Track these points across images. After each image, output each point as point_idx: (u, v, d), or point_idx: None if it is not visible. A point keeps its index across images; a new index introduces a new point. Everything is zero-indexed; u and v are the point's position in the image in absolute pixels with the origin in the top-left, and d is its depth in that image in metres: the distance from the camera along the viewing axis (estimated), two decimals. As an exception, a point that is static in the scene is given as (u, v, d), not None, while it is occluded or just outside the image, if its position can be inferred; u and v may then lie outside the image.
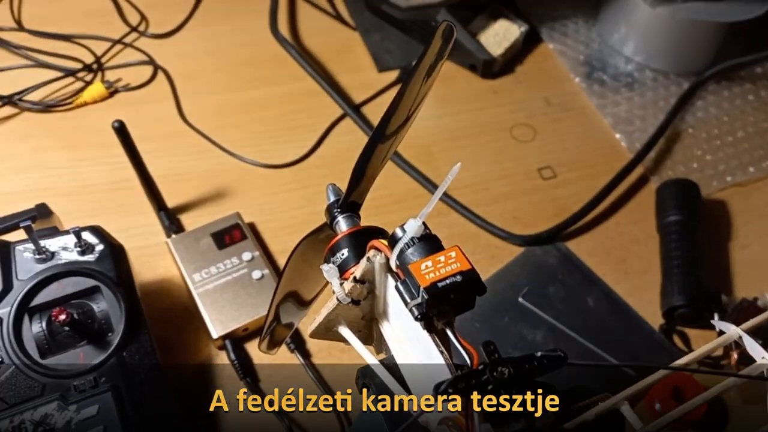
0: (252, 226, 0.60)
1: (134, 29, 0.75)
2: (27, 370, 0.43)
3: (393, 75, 0.75)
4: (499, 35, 0.74)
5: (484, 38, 0.73)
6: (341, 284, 0.31)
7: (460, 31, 0.72)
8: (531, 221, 0.63)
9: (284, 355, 0.53)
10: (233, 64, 0.74)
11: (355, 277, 0.30)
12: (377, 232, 0.34)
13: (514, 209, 0.64)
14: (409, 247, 0.27)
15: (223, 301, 0.54)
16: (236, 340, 0.53)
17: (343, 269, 0.32)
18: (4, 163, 0.63)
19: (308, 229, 0.62)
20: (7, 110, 0.67)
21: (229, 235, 0.57)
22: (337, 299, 0.31)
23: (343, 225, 0.35)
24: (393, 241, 0.28)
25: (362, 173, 0.33)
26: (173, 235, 0.58)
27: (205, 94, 0.71)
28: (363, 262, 0.30)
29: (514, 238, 0.61)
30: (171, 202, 0.61)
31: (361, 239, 0.33)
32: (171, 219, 0.59)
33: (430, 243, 0.27)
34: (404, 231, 0.28)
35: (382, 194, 0.64)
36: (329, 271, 0.31)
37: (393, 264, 0.28)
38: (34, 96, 0.68)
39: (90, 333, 0.45)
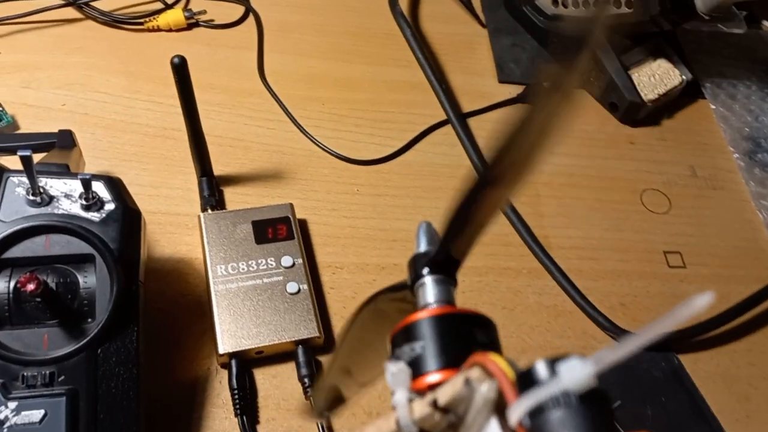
0: (303, 225, 0.49)
1: (237, -39, 0.65)
2: (-31, 341, 0.33)
3: (514, 90, 0.62)
4: (656, 77, 0.60)
5: (636, 76, 0.60)
6: (410, 401, 0.19)
7: (612, 59, 0.59)
8: (642, 315, 0.50)
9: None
10: (336, 30, 0.63)
11: (435, 401, 0.18)
12: (479, 326, 0.22)
13: (624, 294, 0.51)
14: (557, 406, 0.15)
15: (244, 309, 0.43)
16: (245, 363, 0.42)
17: (417, 371, 0.20)
18: (47, 72, 0.54)
19: (369, 247, 0.51)
20: (69, 12, 0.57)
21: (273, 229, 0.46)
22: (398, 424, 0.19)
23: (429, 294, 0.23)
24: (525, 378, 0.16)
25: (462, 223, 0.21)
26: (209, 210, 0.47)
27: (294, 55, 0.60)
28: (456, 381, 0.18)
29: (617, 331, 0.48)
30: (219, 169, 0.50)
31: (456, 332, 0.21)
32: (212, 190, 0.48)
33: (595, 412, 0.15)
34: (554, 371, 0.15)
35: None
36: (396, 375, 0.19)
37: (514, 418, 0.16)
38: (103, 4, 0.58)
39: (65, 312, 0.35)
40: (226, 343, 0.42)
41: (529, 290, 0.50)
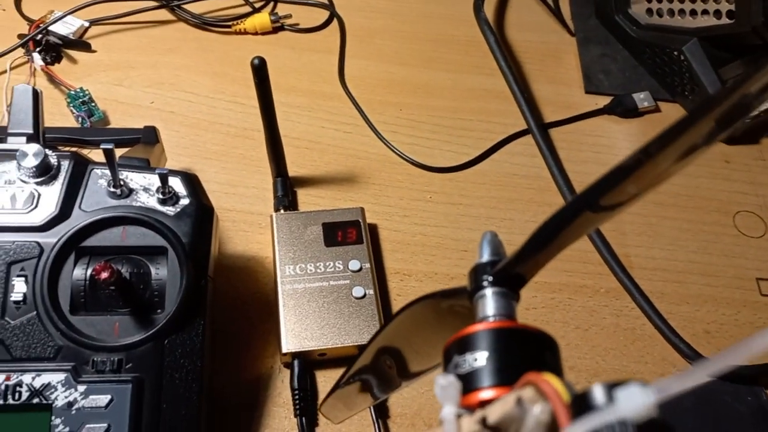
0: (373, 230, 0.49)
1: (325, -34, 0.66)
2: (48, 323, 0.34)
3: (602, 101, 0.60)
4: (757, 92, 0.56)
5: (735, 90, 0.56)
6: (458, 417, 0.18)
7: (708, 72, 0.55)
8: (729, 345, 0.46)
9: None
10: (417, 36, 0.62)
11: (485, 419, 0.17)
12: (540, 344, 0.20)
13: (709, 321, 0.47)
14: (613, 437, 0.13)
15: (309, 310, 0.43)
16: (307, 364, 0.42)
17: (469, 386, 0.19)
18: (139, 71, 0.56)
19: (439, 255, 0.50)
20: (163, 14, 0.60)
21: (342, 232, 0.46)
22: (444, 441, 0.18)
23: (489, 306, 0.22)
24: (580, 402, 0.15)
25: (547, 241, 0.20)
26: (281, 210, 0.48)
27: (374, 61, 0.60)
28: (508, 400, 0.17)
29: (699, 360, 0.45)
30: (294, 170, 0.50)
31: (517, 349, 0.20)
32: (286, 190, 0.49)
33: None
34: (612, 398, 0.14)
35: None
36: (446, 388, 0.18)
37: (566, 446, 0.14)
38: (194, 7, 0.60)
39: (136, 301, 0.36)
40: (289, 343, 0.42)
41: (606, 311, 0.47)
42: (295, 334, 0.42)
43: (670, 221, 0.52)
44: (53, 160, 0.37)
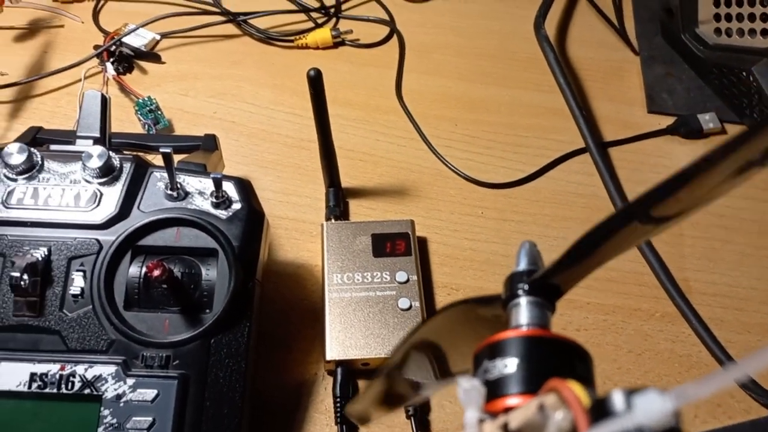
0: (422, 243, 0.49)
1: (387, -16, 0.67)
2: (102, 317, 0.36)
3: (665, 121, 0.58)
4: (833, 114, 0.53)
5: (809, 112, 0.53)
6: (480, 422, 0.18)
7: (780, 93, 0.53)
8: (792, 378, 0.44)
9: (399, 418, 0.41)
10: (477, 52, 0.62)
11: (506, 424, 0.17)
12: (572, 355, 0.20)
13: (773, 352, 0.45)
14: (630, 444, 0.13)
15: (354, 319, 0.43)
16: (350, 373, 0.42)
17: (495, 392, 0.19)
18: (205, 82, 0.58)
19: (488, 271, 0.49)
20: (229, 29, 0.62)
21: (391, 243, 0.46)
22: (465, 445, 0.18)
23: (523, 315, 0.21)
24: (600, 408, 0.14)
25: (589, 251, 0.20)
26: (332, 220, 0.48)
27: (432, 75, 0.60)
28: (530, 406, 0.16)
29: (759, 392, 0.42)
30: (347, 181, 0.51)
31: (547, 358, 0.20)
32: (338, 200, 0.50)
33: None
34: (630, 405, 0.14)
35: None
36: (469, 392, 0.18)
37: (584, 452, 0.14)
38: (259, 21, 0.62)
39: (186, 300, 0.37)
40: (333, 351, 0.42)
41: (660, 336, 0.46)
42: (340, 342, 0.42)
43: (733, 245, 0.50)
44: (116, 162, 0.39)
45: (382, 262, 0.46)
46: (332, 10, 0.64)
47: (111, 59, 0.57)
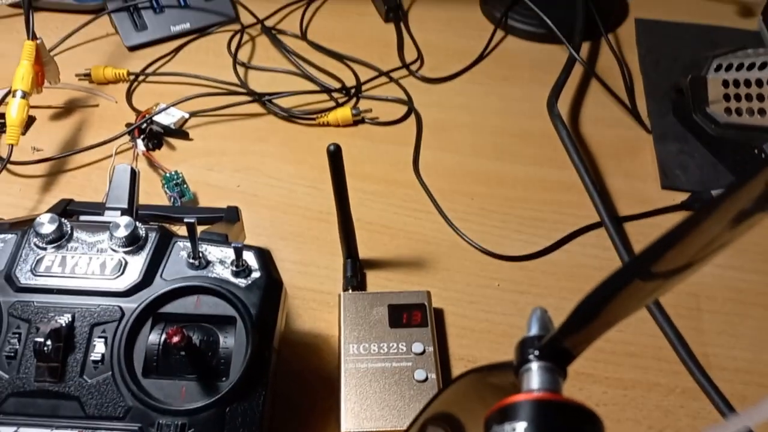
0: (439, 314, 0.49)
1: (406, 66, 0.70)
2: (121, 383, 0.36)
3: (679, 197, 0.59)
4: None
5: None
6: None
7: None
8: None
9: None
10: (491, 129, 0.64)
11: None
12: (582, 419, 0.20)
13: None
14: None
15: (371, 390, 0.43)
16: (365, 445, 0.42)
17: (505, 456, 0.19)
18: (230, 158, 0.60)
19: (505, 344, 0.49)
20: (255, 107, 0.65)
21: (408, 314, 0.47)
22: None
23: (534, 380, 0.22)
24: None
25: (594, 312, 0.20)
26: (350, 290, 0.49)
27: (448, 152, 0.62)
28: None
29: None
30: (364, 253, 0.52)
31: (555, 419, 0.20)
32: (355, 271, 0.50)
33: None
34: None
35: (610, 336, 0.48)
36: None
37: None
38: (283, 101, 0.65)
39: (204, 368, 0.37)
40: (348, 422, 0.42)
41: (681, 412, 0.45)
42: (355, 413, 0.42)
43: (752, 320, 0.50)
44: (142, 232, 0.41)
45: (399, 332, 0.46)
46: (353, 91, 0.66)
47: (141, 136, 0.60)
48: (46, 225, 0.40)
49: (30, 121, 0.63)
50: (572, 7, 0.74)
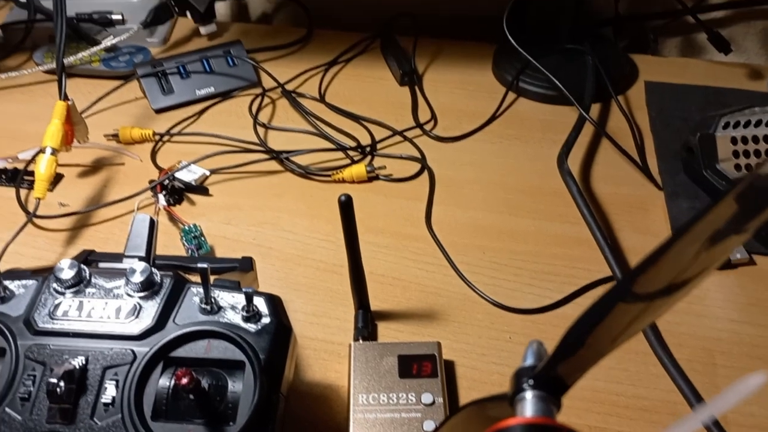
0: (450, 366, 0.49)
1: (420, 126, 0.72)
2: (130, 426, 0.37)
3: (691, 251, 0.59)
4: None
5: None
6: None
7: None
8: None
9: None
10: (502, 186, 0.66)
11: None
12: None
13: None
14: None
15: (378, 441, 0.43)
16: (372, 497, 0.41)
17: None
18: (247, 212, 0.62)
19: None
20: (273, 165, 0.67)
21: (417, 365, 0.47)
22: None
23: (528, 409, 0.22)
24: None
25: (582, 337, 0.21)
26: (360, 340, 0.49)
27: (460, 207, 0.63)
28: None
29: None
30: (376, 305, 0.53)
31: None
32: (366, 322, 0.51)
33: None
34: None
35: (623, 390, 0.48)
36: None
37: None
38: (300, 159, 0.67)
39: (212, 412, 0.38)
40: (356, 473, 0.41)
41: (698, 468, 0.43)
42: (363, 464, 0.42)
43: (769, 375, 0.49)
44: (157, 278, 0.42)
45: (408, 383, 0.46)
46: (368, 149, 0.68)
47: (163, 192, 0.62)
48: (66, 270, 0.41)
49: (58, 178, 0.66)
50: (582, 71, 0.77)
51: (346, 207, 0.46)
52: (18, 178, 0.64)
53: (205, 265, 0.40)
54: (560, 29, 0.81)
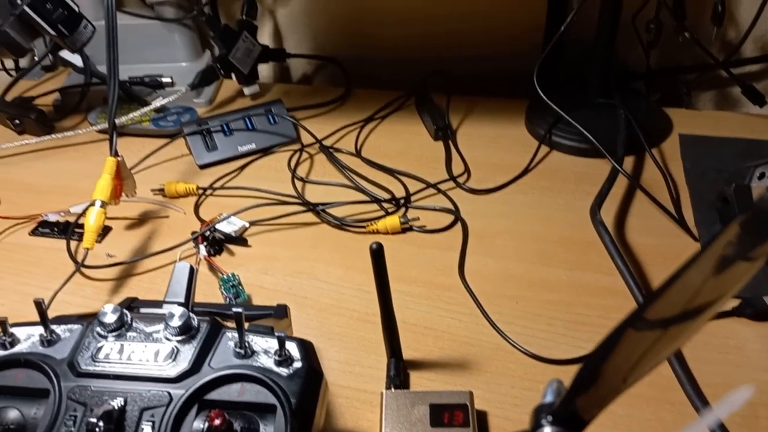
0: (481, 416, 0.49)
1: (453, 179, 0.74)
2: (163, 469, 0.38)
3: (730, 303, 0.58)
4: None
5: None
6: None
7: None
8: None
9: None
10: (535, 236, 0.66)
11: None
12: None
13: None
14: None
15: (409, 490, 0.42)
16: None
17: None
18: (284, 263, 0.64)
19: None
20: (309, 217, 0.69)
21: (449, 414, 0.47)
22: None
23: (545, 443, 0.22)
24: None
25: (595, 369, 0.21)
26: (392, 389, 0.50)
27: (493, 258, 0.64)
28: None
29: None
30: (408, 354, 0.53)
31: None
32: (398, 370, 0.51)
33: None
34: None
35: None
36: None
37: None
38: (336, 211, 0.69)
39: (243, 455, 0.38)
40: None
41: None
42: None
43: (815, 429, 0.47)
44: (194, 322, 0.43)
45: (439, 432, 0.46)
46: (402, 201, 0.70)
47: (204, 242, 0.64)
48: (109, 315, 0.43)
49: (106, 230, 0.69)
50: (614, 124, 0.78)
51: (378, 255, 0.47)
52: (69, 230, 0.68)
53: (240, 310, 0.41)
54: (591, 84, 0.82)
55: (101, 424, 0.38)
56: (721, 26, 0.82)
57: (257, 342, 0.43)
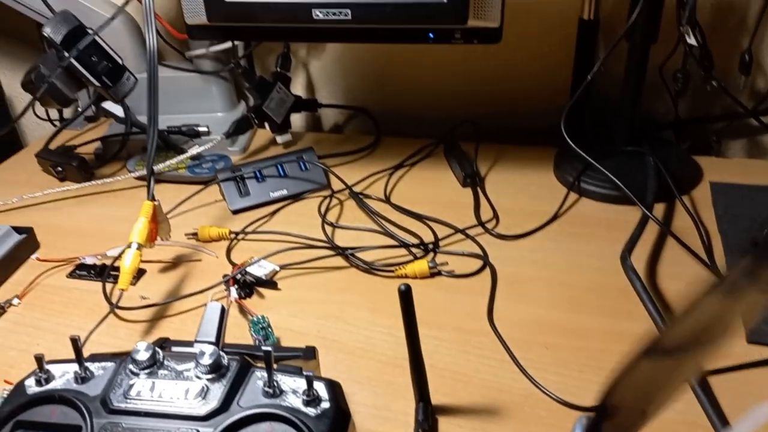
0: (511, 463, 0.48)
1: (482, 224, 0.74)
2: (190, 506, 0.38)
3: (765, 351, 0.56)
4: None
5: None
6: None
7: None
8: None
9: None
10: (565, 283, 0.66)
11: None
12: None
13: None
14: None
15: None
16: None
17: None
18: (313, 306, 0.64)
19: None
20: (338, 261, 0.70)
21: (478, 460, 0.46)
22: None
23: (574, 477, 0.22)
24: None
25: (612, 397, 0.21)
26: (420, 434, 0.49)
27: (523, 304, 0.63)
28: None
29: None
30: (437, 398, 0.52)
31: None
32: (427, 415, 0.51)
33: None
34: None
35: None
36: None
37: None
38: (365, 255, 0.70)
39: (270, 496, 0.38)
40: None
41: None
42: None
43: None
44: (224, 361, 0.44)
45: (468, 478, 0.45)
46: (430, 246, 0.70)
47: (235, 285, 0.66)
48: (142, 352, 0.44)
49: (141, 272, 0.71)
50: (643, 171, 0.78)
51: (406, 296, 0.48)
52: (105, 272, 0.70)
53: (269, 348, 0.42)
54: (617, 132, 0.83)
55: (131, 460, 0.39)
56: (749, 75, 0.83)
57: (286, 381, 0.43)
